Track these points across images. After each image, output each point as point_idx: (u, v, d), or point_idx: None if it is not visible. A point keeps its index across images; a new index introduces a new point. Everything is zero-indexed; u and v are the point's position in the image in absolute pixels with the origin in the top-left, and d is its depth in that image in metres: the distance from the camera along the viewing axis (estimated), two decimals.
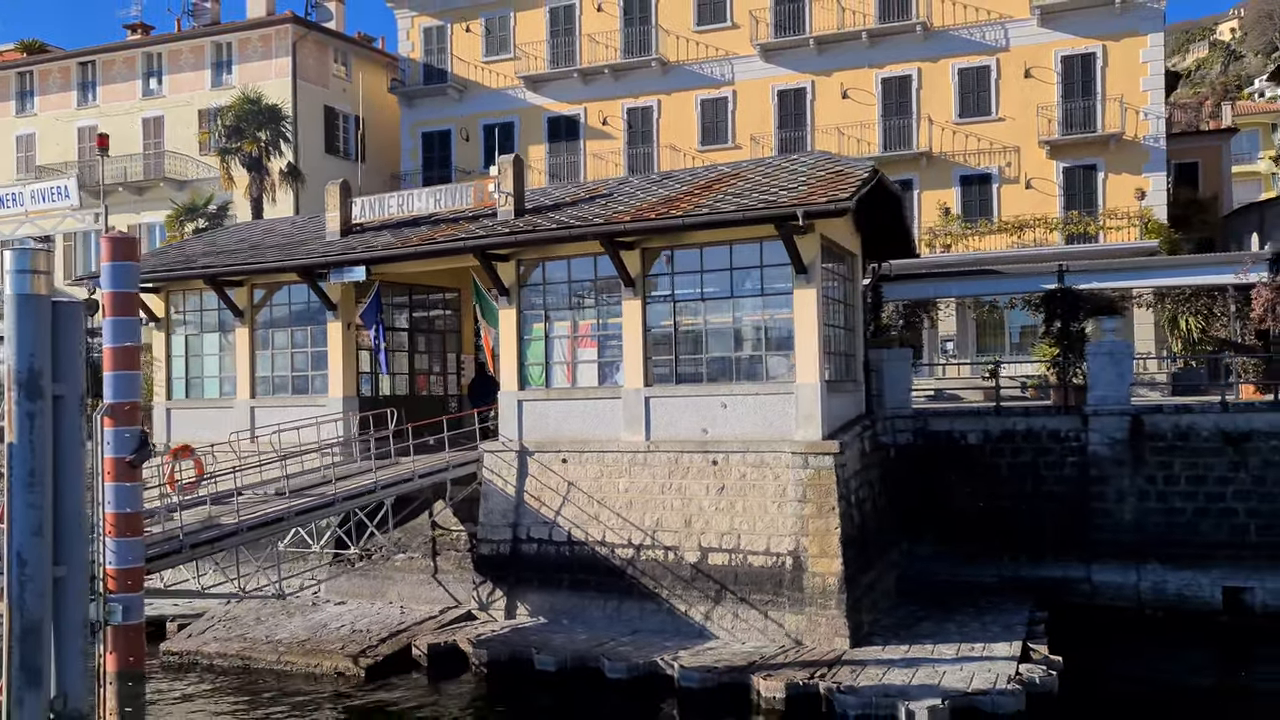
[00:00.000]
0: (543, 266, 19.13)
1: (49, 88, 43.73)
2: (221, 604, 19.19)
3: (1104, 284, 21.56)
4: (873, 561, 18.13)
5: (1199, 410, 19.78)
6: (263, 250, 21.88)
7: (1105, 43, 31.97)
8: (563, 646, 16.29)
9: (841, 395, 18.37)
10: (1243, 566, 19.11)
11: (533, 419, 18.99)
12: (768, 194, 16.88)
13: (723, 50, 36.07)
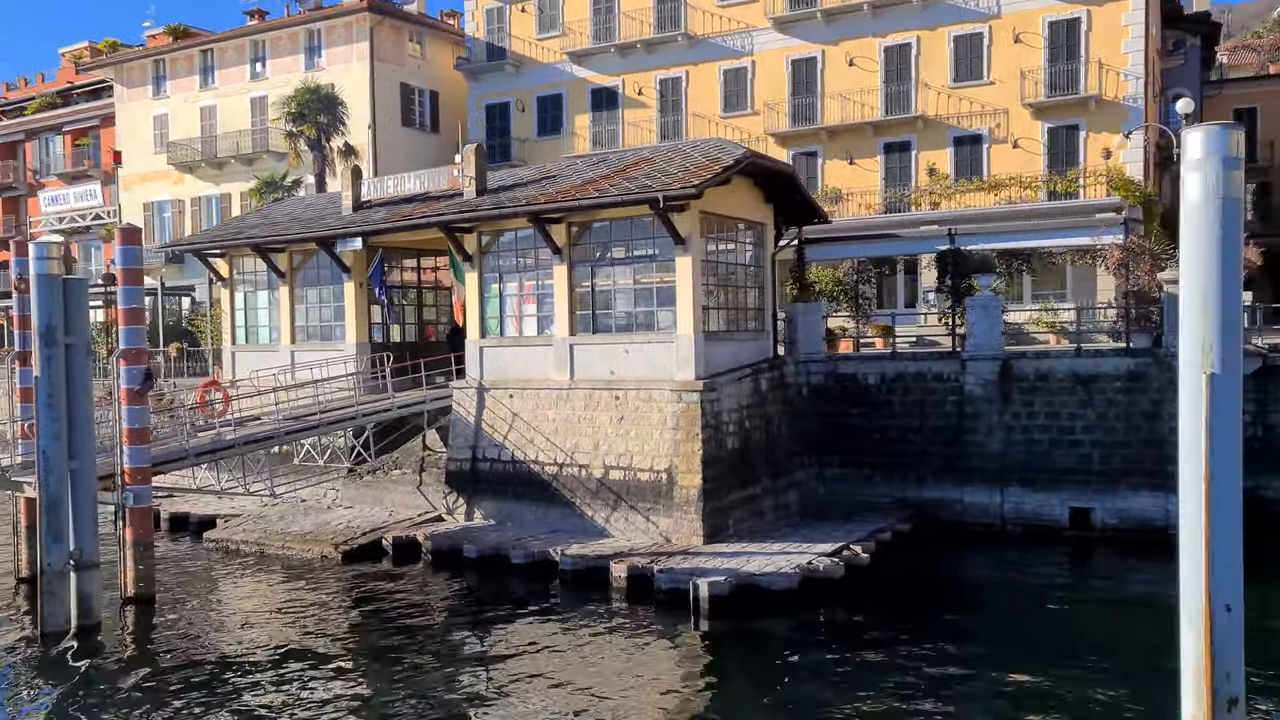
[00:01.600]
0: (497, 237, 23.27)
1: (177, 73, 49.93)
2: (258, 505, 24.39)
3: (985, 245, 24.28)
4: (755, 480, 21.77)
5: (1056, 356, 22.57)
6: (297, 223, 26.75)
7: (1089, 8, 33.55)
8: (489, 540, 20.70)
9: (730, 343, 21.97)
10: (1087, 489, 21.96)
11: (489, 362, 23.30)
12: (657, 179, 20.52)
13: (743, 23, 38.97)
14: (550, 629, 16.71)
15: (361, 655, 15.55)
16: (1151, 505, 21.31)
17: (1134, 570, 20.13)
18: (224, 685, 14.11)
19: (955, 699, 13.33)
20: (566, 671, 14.62)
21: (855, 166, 37.02)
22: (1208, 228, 7.88)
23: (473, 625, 17.24)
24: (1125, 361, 21.92)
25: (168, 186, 50.14)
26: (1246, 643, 8.09)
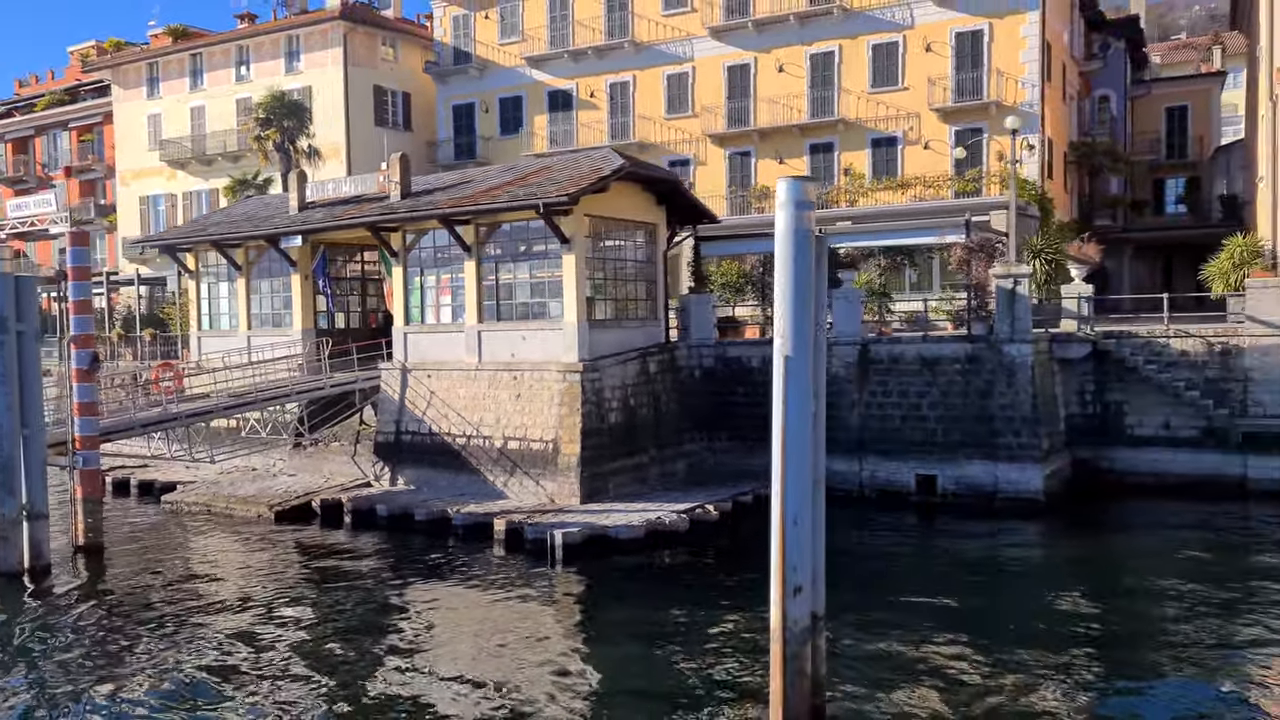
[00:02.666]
0: (420, 236, 26.09)
1: (169, 75, 52.90)
2: (214, 473, 27.38)
3: (850, 243, 26.95)
4: (641, 450, 24.57)
5: (907, 341, 25.26)
6: (251, 222, 29.65)
7: (991, 20, 36.00)
8: (399, 501, 23.62)
9: (618, 330, 24.77)
10: (930, 459, 24.66)
11: (412, 346, 26.18)
12: (547, 186, 23.28)
13: (684, 32, 41.56)
14: (440, 572, 19.63)
15: (278, 596, 18.41)
16: (983, 473, 24.01)
17: (968, 529, 22.67)
18: (155, 615, 17.05)
19: (752, 620, 16.11)
20: (451, 602, 17.62)
21: (785, 165, 39.57)
22: (787, 251, 10.60)
23: (377, 570, 20.13)
24: (964, 346, 24.60)
25: (161, 182, 53.18)
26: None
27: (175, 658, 14.89)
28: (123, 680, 14.00)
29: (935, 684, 13.14)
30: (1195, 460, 25.27)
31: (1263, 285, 24.87)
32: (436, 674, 14.11)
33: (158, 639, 15.78)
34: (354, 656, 14.88)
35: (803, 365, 10.66)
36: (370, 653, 15.04)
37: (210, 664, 14.62)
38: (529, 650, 15.03)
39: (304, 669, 14.31)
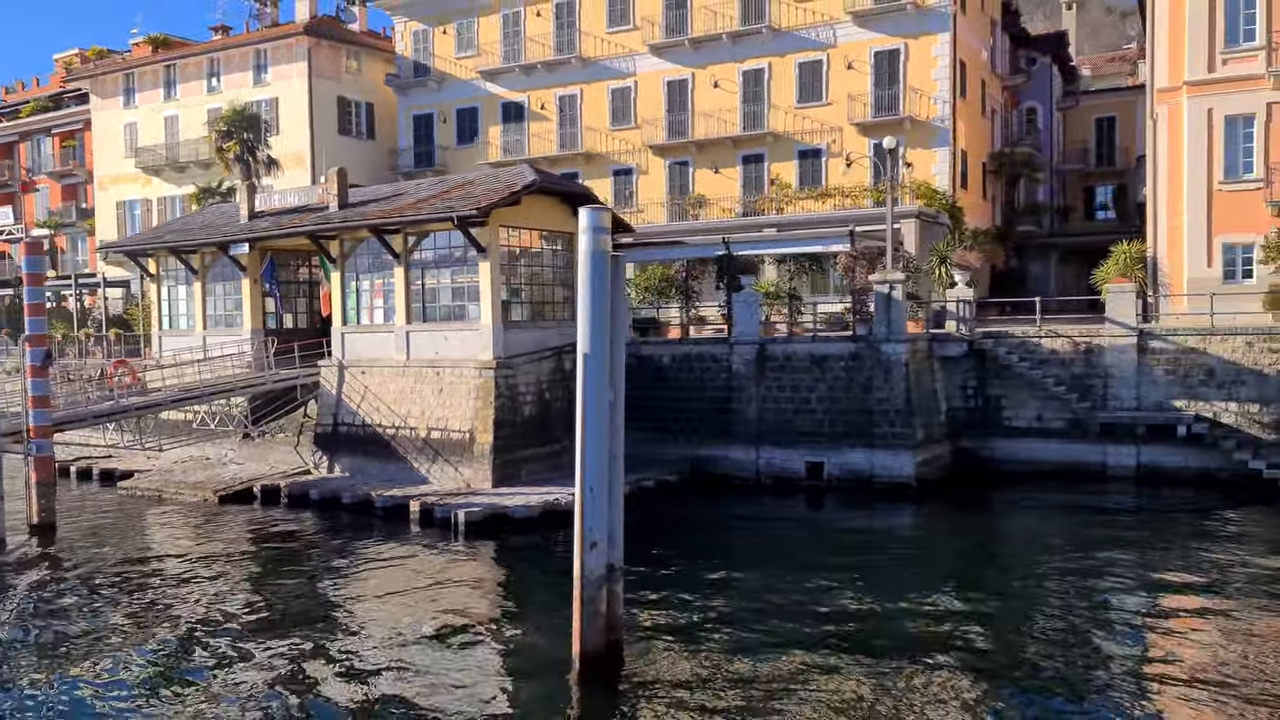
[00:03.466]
0: (357, 244, 28.26)
1: (144, 85, 54.94)
2: (169, 461, 29.51)
3: (752, 251, 29.20)
4: (554, 439, 26.73)
5: (799, 340, 27.49)
6: (205, 230, 31.78)
7: (907, 40, 38.24)
8: (330, 486, 25.79)
9: (535, 330, 26.96)
10: (818, 447, 26.90)
11: (348, 345, 28.34)
12: (466, 200, 25.44)
13: (626, 48, 43.73)
14: (361, 546, 21.79)
15: (209, 564, 20.50)
16: (863, 459, 26.26)
17: (864, 512, 24.81)
18: (95, 580, 19.20)
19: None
20: (368, 571, 19.76)
21: (719, 175, 41.84)
22: (586, 268, 12.80)
23: (305, 545, 22.30)
24: (848, 346, 26.84)
25: (137, 188, 55.23)
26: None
27: (108, 613, 17.05)
28: (59, 629, 16.16)
29: (736, 637, 15.34)
30: (1064, 449, 27.59)
31: (1119, 290, 27.15)
32: (337, 623, 16.30)
33: (95, 598, 17.95)
34: (275, 612, 17.03)
35: (599, 361, 12.86)
36: (289, 609, 17.21)
37: (137, 611, 16.81)
38: (415, 605, 17.20)
39: (227, 623, 16.44)
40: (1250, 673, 13.39)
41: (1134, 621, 16.12)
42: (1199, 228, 32.26)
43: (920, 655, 14.20)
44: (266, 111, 49.74)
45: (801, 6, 39.97)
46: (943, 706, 12.42)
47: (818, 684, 13.15)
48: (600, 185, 44.40)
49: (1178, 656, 14.55)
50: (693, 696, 12.91)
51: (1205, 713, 12.14)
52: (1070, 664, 13.98)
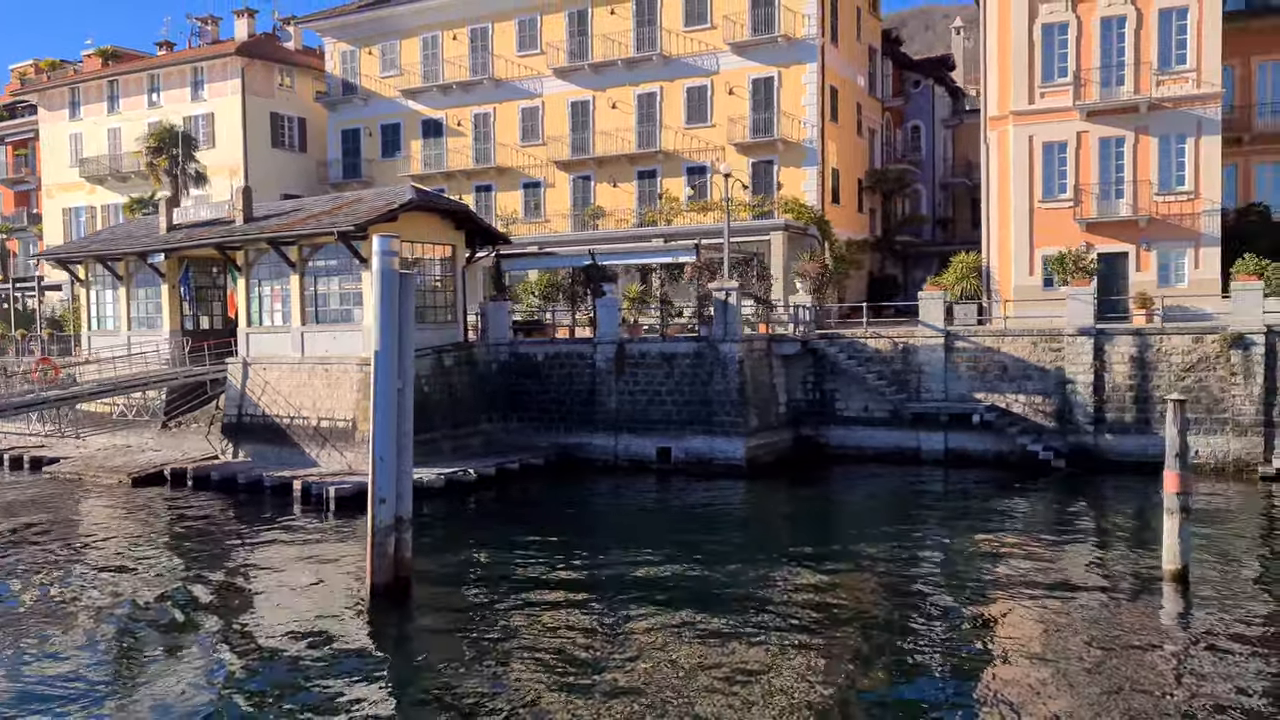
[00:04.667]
0: (260, 254, 31.27)
1: (89, 99, 57.51)
2: (93, 449, 32.36)
3: (615, 261, 32.49)
4: (434, 428, 29.83)
5: (652, 341, 30.81)
6: (128, 240, 34.65)
7: (780, 69, 41.69)
8: (230, 469, 28.78)
9: (417, 330, 29.92)
10: (667, 434, 30.20)
11: (253, 344, 31.35)
12: (350, 216, 28.53)
13: (534, 70, 46.91)
14: (250, 519, 24.74)
15: (124, 538, 23.42)
16: (705, 445, 29.59)
17: (702, 489, 27.99)
18: (12, 546, 22.15)
19: (483, 547, 21.46)
20: (253, 542, 22.67)
21: (618, 189, 45.14)
22: (378, 283, 15.99)
23: (193, 519, 25.23)
24: (693, 345, 30.17)
25: (82, 195, 57.75)
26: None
27: (10, 574, 20.04)
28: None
29: (534, 582, 18.57)
30: (886, 435, 31.08)
31: (929, 296, 30.67)
32: (192, 576, 19.38)
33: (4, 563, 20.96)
34: (141, 565, 20.06)
35: (388, 356, 16.09)
36: (178, 570, 20.23)
37: (36, 567, 19.81)
38: (264, 562, 20.31)
39: (121, 577, 19.45)
40: (1015, 593, 16.78)
41: (935, 575, 19.03)
42: (1023, 241, 35.93)
43: (701, 603, 17.04)
44: (204, 126, 52.62)
45: (688, 36, 43.33)
46: (723, 646, 15.44)
47: (598, 628, 16.21)
48: (511, 197, 47.74)
49: (979, 598, 17.58)
50: (469, 621, 16.11)
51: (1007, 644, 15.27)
52: (884, 609, 16.95)
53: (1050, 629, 15.28)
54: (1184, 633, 15.06)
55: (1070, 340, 28.75)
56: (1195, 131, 33.97)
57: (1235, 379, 26.99)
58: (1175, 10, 34.01)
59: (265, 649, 15.10)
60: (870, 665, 13.96)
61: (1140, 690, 12.66)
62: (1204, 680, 13.03)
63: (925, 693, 13.06)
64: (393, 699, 13.09)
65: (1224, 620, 15.24)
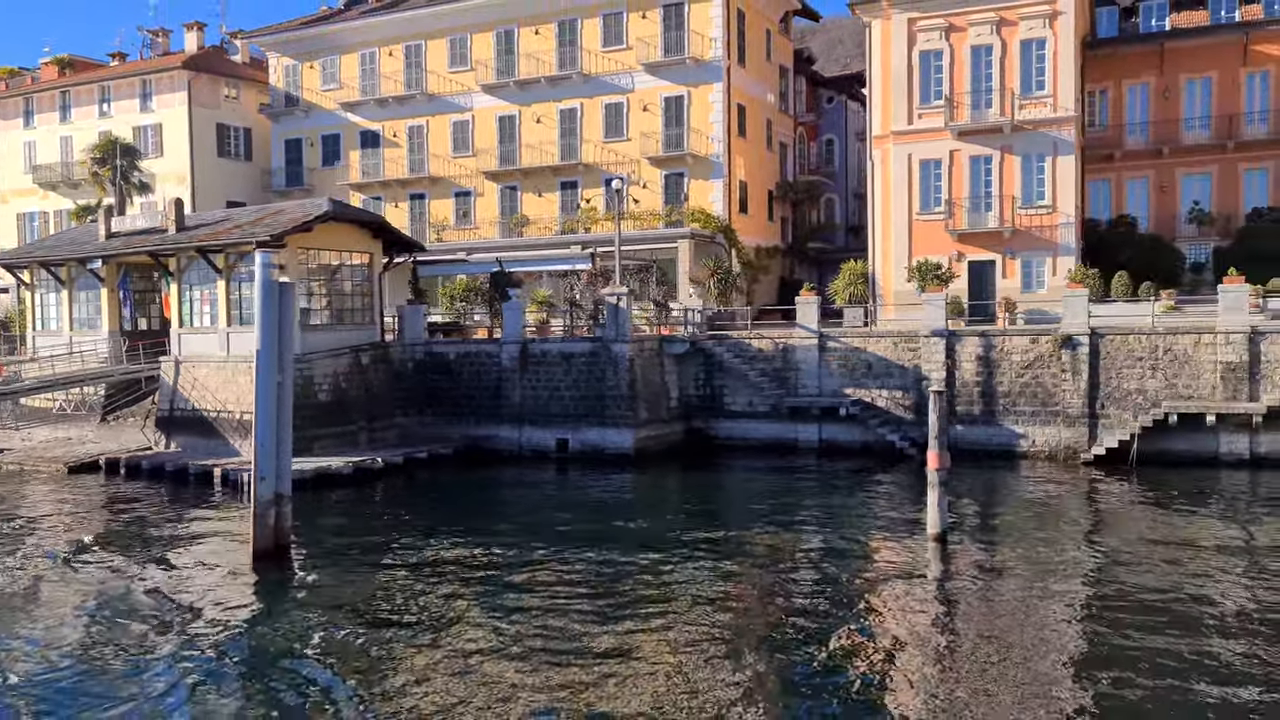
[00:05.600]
0: (191, 260, 33.50)
1: (43, 109, 59.23)
2: (36, 440, 34.45)
3: (520, 268, 35.05)
4: (350, 421, 32.25)
5: (552, 341, 33.36)
6: (70, 246, 36.74)
7: (689, 89, 44.34)
8: (159, 459, 31.01)
9: (334, 332, 32.45)
10: (566, 427, 32.75)
11: (184, 343, 33.58)
12: (270, 227, 30.83)
13: (465, 86, 49.27)
14: (171, 502, 27.00)
15: (54, 519, 25.60)
16: (599, 436, 32.17)
17: (594, 476, 30.49)
18: None
19: (382, 529, 23.87)
20: (170, 520, 24.93)
21: (542, 199, 47.59)
22: (261, 293, 18.40)
23: (128, 503, 27.40)
24: (588, 345, 32.75)
25: (36, 201, 59.44)
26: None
27: None
28: None
29: (417, 555, 21.01)
30: (769, 428, 33.75)
31: (805, 301, 33.41)
32: (124, 550, 21.69)
33: None
34: (86, 544, 22.32)
35: (269, 354, 18.52)
36: (98, 542, 22.50)
37: None
38: (185, 537, 22.65)
39: (43, 548, 21.71)
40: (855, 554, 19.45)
41: (803, 543, 21.54)
42: (903, 250, 38.83)
43: (571, 575, 19.40)
44: (152, 136, 54.60)
45: (606, 56, 45.91)
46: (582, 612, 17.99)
47: (467, 594, 18.58)
48: (444, 205, 50.10)
49: (839, 564, 20.24)
50: (343, 582, 18.57)
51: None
52: (745, 565, 19.61)
53: (829, 578, 18.01)
54: (934, 581, 17.89)
55: (926, 341, 31.58)
56: (1053, 151, 36.98)
57: (1065, 375, 29.93)
58: (1035, 41, 37.00)
59: (157, 599, 17.51)
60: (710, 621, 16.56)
61: (892, 619, 15.43)
62: (939, 607, 15.81)
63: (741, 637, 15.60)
64: (252, 639, 15.53)
65: (966, 567, 18.05)
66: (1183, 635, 14.74)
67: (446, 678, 13.52)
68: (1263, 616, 15.54)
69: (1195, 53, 43.00)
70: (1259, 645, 14.27)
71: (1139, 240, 42.05)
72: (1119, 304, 31.79)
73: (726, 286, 40.77)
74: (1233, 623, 15.31)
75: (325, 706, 12.71)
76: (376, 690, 13.13)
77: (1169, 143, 43.29)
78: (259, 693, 13.32)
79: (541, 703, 12.60)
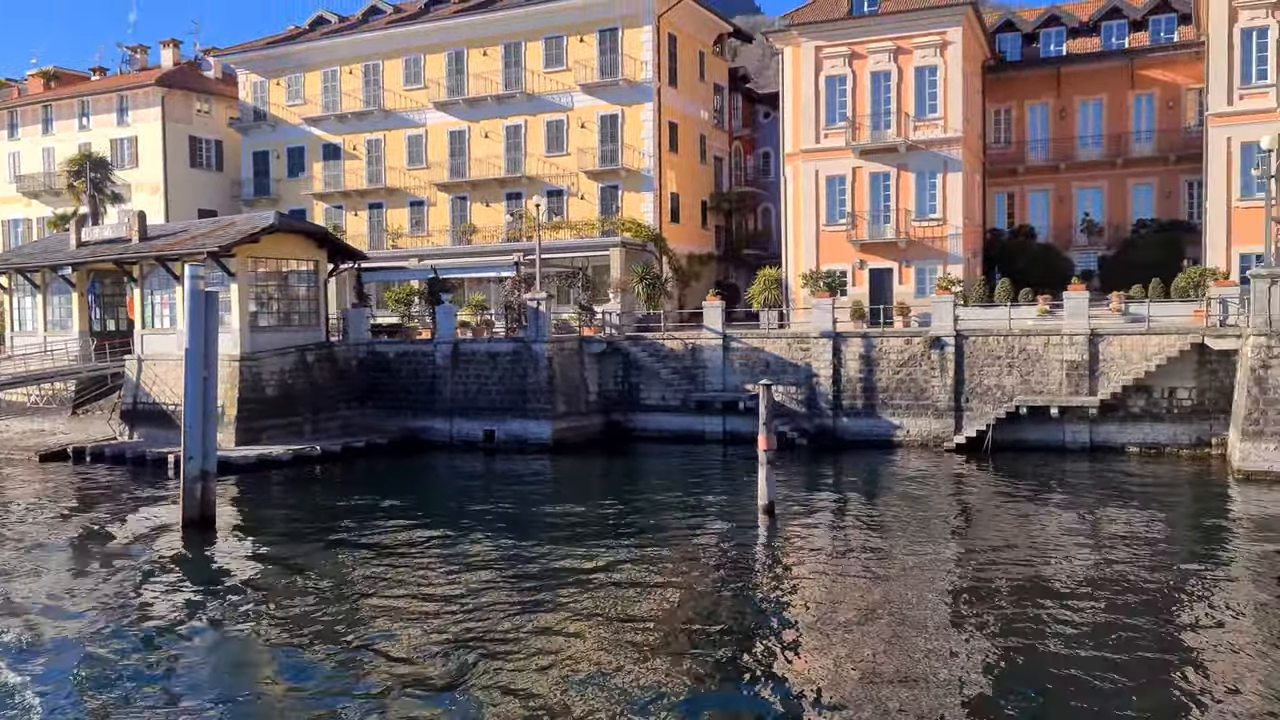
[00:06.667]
0: (154, 267, 36.39)
1: (26, 121, 61.99)
2: (15, 432, 37.30)
3: (453, 275, 38.03)
4: (296, 414, 35.18)
5: (480, 342, 36.37)
6: (44, 254, 39.59)
7: (623, 108, 47.36)
8: (121, 448, 33.90)
9: (281, 332, 35.37)
10: (492, 419, 35.75)
11: (147, 343, 36.47)
12: (220, 237, 33.74)
13: (418, 103, 52.21)
14: (127, 484, 29.88)
15: (21, 498, 28.45)
16: (521, 428, 35.19)
17: (515, 463, 33.42)
18: None
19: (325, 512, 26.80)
20: (123, 497, 27.80)
21: (490, 209, 50.56)
22: (189, 300, 21.35)
23: (90, 484, 30.26)
24: (512, 345, 35.77)
25: (20, 208, 62.16)
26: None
27: None
28: None
29: (335, 524, 23.97)
30: (679, 420, 36.77)
31: (710, 305, 36.48)
32: (80, 521, 24.58)
33: None
34: (47, 516, 25.20)
35: (197, 352, 21.48)
36: (57, 514, 25.39)
37: None
38: (130, 510, 25.56)
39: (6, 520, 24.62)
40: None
41: (707, 521, 24.59)
42: (810, 258, 41.92)
43: (478, 549, 22.55)
44: (128, 148, 57.42)
45: (548, 77, 48.91)
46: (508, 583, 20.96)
47: (379, 563, 21.61)
48: (399, 214, 53.00)
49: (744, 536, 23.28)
50: (260, 546, 21.53)
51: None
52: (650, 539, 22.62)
53: (685, 542, 21.11)
54: (760, 544, 21.00)
55: (815, 341, 34.68)
56: (943, 169, 40.13)
57: (935, 372, 33.05)
58: (928, 68, 40.14)
59: (97, 555, 20.49)
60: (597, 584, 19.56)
61: (723, 572, 18.52)
62: (763, 560, 18.92)
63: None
64: (174, 591, 18.50)
65: (786, 533, 21.15)
66: (978, 581, 17.84)
67: (336, 629, 16.42)
68: (1063, 561, 18.65)
69: (1088, 76, 46.18)
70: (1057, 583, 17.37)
71: (1035, 249, 45.29)
72: (1001, 308, 34.83)
73: (655, 291, 43.76)
74: (1030, 571, 18.40)
75: (208, 645, 15.63)
76: (260, 635, 16.06)
77: (1066, 159, 46.45)
78: (163, 630, 16.23)
79: (414, 642, 15.60)
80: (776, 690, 13.10)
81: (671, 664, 13.97)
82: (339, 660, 14.39)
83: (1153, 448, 30.54)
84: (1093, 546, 20.36)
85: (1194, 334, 29.53)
